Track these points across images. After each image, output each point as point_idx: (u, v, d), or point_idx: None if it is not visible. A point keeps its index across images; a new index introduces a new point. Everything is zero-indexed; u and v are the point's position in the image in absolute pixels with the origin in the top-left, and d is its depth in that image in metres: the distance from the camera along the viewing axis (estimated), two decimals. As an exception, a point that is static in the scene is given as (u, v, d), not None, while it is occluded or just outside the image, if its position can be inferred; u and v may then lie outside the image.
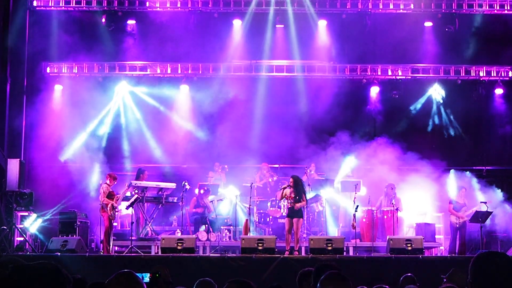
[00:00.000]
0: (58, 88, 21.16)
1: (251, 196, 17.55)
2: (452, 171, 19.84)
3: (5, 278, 3.02)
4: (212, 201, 18.74)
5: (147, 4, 21.30)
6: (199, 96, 21.52)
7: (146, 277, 8.34)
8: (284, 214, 17.35)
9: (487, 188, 19.09)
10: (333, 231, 18.76)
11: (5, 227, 16.86)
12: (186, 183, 17.62)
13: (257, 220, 18.25)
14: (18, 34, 19.99)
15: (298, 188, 15.60)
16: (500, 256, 3.47)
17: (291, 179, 15.70)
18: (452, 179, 19.53)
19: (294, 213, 15.48)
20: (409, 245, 15.11)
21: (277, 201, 17.41)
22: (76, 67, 21.42)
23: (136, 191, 17.71)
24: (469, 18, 21.28)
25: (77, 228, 16.94)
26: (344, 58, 21.56)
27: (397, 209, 17.29)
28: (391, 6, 21.22)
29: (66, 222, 17.11)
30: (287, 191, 15.52)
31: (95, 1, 21.07)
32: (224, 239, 17.73)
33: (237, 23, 21.42)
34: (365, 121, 21.62)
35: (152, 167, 20.54)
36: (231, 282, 4.60)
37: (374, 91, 21.52)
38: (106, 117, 21.24)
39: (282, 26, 21.44)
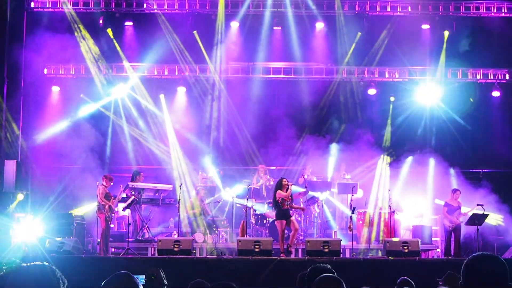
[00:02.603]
0: (55, 89, 21.15)
1: (248, 198, 17.55)
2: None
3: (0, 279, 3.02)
4: (209, 203, 18.74)
5: (145, 5, 21.30)
6: (196, 97, 21.52)
7: (141, 280, 8.33)
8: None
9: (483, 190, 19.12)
10: (330, 233, 18.75)
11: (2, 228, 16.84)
12: (183, 185, 17.61)
13: (253, 222, 18.24)
14: (15, 35, 19.98)
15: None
16: (492, 259, 3.46)
17: (286, 180, 15.70)
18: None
19: (288, 214, 15.51)
20: (405, 247, 15.10)
21: (285, 201, 16.49)
22: (73, 69, 21.40)
23: (133, 192, 17.71)
24: (466, 20, 21.30)
25: (74, 229, 16.91)
26: (341, 61, 21.56)
27: (393, 212, 17.29)
28: (388, 9, 21.24)
29: (62, 223, 17.06)
30: (289, 191, 15.49)
31: (92, 3, 21.06)
32: (220, 241, 17.72)
33: (234, 25, 21.43)
34: (362, 123, 21.60)
35: (148, 169, 20.54)
36: (216, 286, 4.59)
37: (372, 93, 21.52)
38: (103, 118, 21.22)
39: (280, 28, 21.46)
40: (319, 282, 4.30)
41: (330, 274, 4.48)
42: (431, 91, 21.33)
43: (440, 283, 6.54)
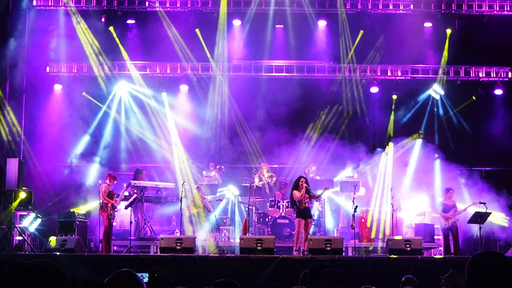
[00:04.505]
0: (57, 88, 21.16)
1: (250, 196, 17.54)
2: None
3: (2, 276, 3.01)
4: (211, 201, 18.74)
5: (147, 4, 21.28)
6: (198, 96, 21.52)
7: (145, 278, 8.34)
8: (286, 214, 17.50)
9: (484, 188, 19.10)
10: (332, 231, 18.76)
11: (4, 226, 16.86)
12: (185, 183, 17.62)
13: (256, 220, 18.24)
14: (17, 33, 19.96)
15: (309, 188, 15.68)
16: (496, 256, 3.46)
17: (303, 179, 15.62)
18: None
19: (308, 213, 15.50)
20: (408, 245, 15.10)
21: (297, 202, 15.56)
22: (75, 67, 21.40)
23: (135, 191, 17.72)
24: (468, 18, 21.27)
25: (76, 227, 16.92)
26: (343, 59, 21.53)
27: (396, 210, 17.29)
28: (391, 7, 21.22)
29: (65, 221, 17.08)
30: (303, 191, 15.42)
31: (94, 1, 21.06)
32: (223, 239, 17.73)
33: (236, 23, 21.42)
34: (365, 121, 21.60)
35: (150, 167, 20.54)
36: (217, 284, 4.57)
37: (374, 91, 21.50)
38: (105, 116, 21.24)
39: (282, 26, 21.43)
40: (323, 276, 4.28)
41: (334, 269, 4.45)
42: (434, 89, 21.32)
43: (443, 280, 6.52)
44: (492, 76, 21.58)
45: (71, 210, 17.63)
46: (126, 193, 17.40)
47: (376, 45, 21.33)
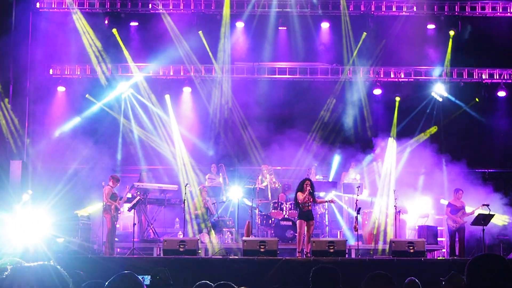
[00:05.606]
0: (61, 90, 21.20)
1: (253, 198, 17.53)
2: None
3: (4, 279, 3.02)
4: (214, 203, 18.74)
5: (150, 6, 21.32)
6: (201, 98, 21.53)
7: (147, 280, 8.36)
8: (289, 216, 17.53)
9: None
10: (336, 233, 18.75)
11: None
12: (188, 185, 17.63)
13: (259, 222, 18.23)
14: (21, 35, 20.00)
15: (314, 190, 15.66)
16: (496, 258, 3.46)
17: (308, 182, 15.63)
18: None
19: (311, 215, 15.51)
20: (411, 247, 15.08)
21: (300, 204, 15.59)
22: (78, 69, 21.44)
23: (139, 192, 17.73)
24: (471, 20, 21.26)
25: (79, 229, 16.93)
26: (346, 61, 21.53)
27: (399, 212, 17.26)
28: (394, 9, 21.22)
29: (68, 223, 17.09)
30: (306, 194, 15.42)
31: (98, 3, 21.10)
32: (226, 241, 17.73)
33: (239, 25, 21.44)
34: (368, 122, 21.59)
35: (154, 169, 20.55)
36: (216, 286, 4.59)
37: (377, 93, 21.49)
38: (108, 118, 21.26)
39: (285, 28, 21.45)
40: (371, 278, 4.26)
41: (381, 272, 4.43)
42: (437, 90, 21.30)
43: (443, 282, 6.53)
44: (495, 78, 21.56)
45: (75, 212, 17.65)
46: (129, 195, 17.42)
47: (379, 47, 21.32)
